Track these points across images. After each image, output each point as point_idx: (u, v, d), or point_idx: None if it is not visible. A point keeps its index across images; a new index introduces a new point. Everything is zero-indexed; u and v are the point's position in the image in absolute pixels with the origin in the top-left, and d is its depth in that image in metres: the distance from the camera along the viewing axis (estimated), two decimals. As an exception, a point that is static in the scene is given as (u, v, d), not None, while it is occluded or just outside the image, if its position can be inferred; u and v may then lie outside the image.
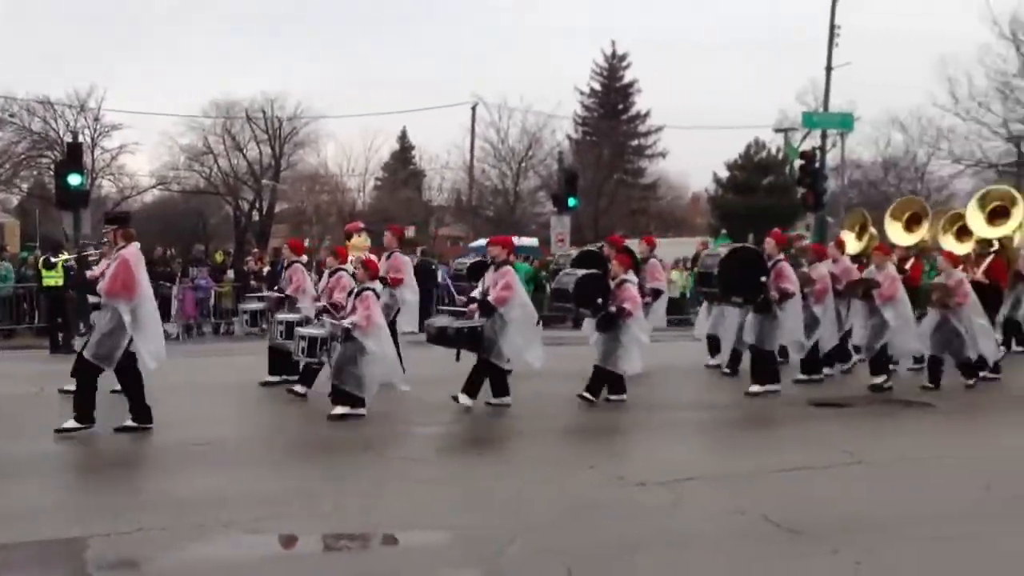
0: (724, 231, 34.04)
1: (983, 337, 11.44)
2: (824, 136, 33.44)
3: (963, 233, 14.23)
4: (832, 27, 33.48)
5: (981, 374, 11.66)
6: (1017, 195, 13.93)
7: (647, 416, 10.11)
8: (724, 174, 45.77)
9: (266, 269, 18.13)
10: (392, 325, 10.97)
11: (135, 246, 8.64)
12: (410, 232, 39.59)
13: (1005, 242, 13.41)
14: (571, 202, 26.72)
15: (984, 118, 37.00)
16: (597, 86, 51.84)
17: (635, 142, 51.69)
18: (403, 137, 55.03)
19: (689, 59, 76.78)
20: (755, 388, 10.91)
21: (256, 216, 46.99)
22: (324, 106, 70.85)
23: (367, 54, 75.85)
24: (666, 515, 6.29)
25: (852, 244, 14.18)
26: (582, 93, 51.45)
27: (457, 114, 57.06)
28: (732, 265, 10.98)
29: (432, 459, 8.29)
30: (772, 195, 42.64)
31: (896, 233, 14.74)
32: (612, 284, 10.50)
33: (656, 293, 12.69)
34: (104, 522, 5.91)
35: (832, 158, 35.96)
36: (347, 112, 77.75)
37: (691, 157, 79.82)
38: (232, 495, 6.63)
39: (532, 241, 37.25)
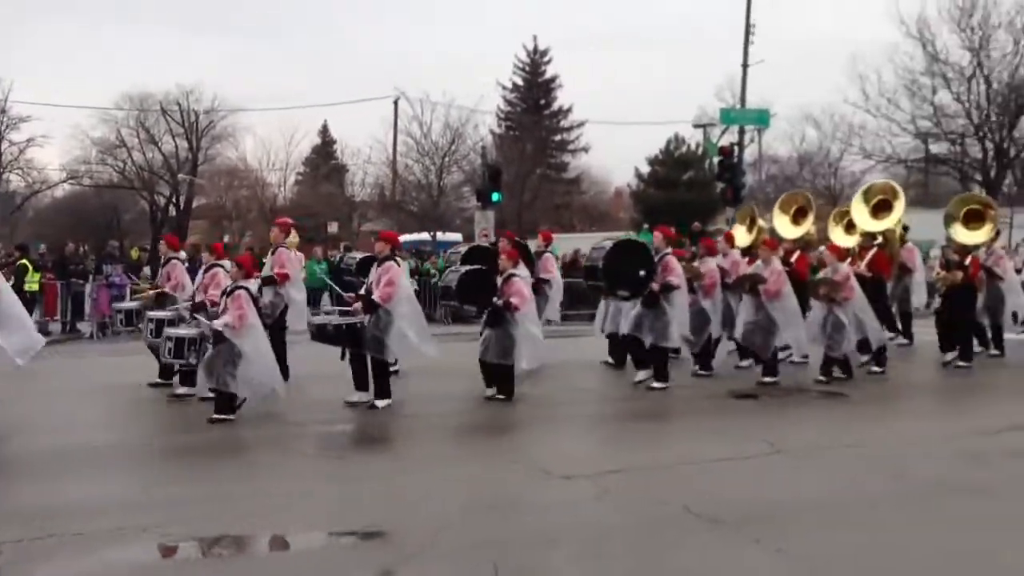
0: (646, 225, 34.45)
1: (866, 330, 11.57)
2: (742, 132, 34.18)
3: (852, 227, 14.27)
4: (748, 26, 34.22)
5: (872, 368, 11.97)
6: (899, 189, 14.06)
7: (568, 411, 10.17)
8: (646, 169, 46.28)
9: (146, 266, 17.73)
10: (280, 323, 10.75)
11: None
12: (332, 227, 39.16)
13: (888, 235, 13.58)
14: (495, 197, 26.72)
15: (893, 115, 38.17)
16: (519, 81, 51.97)
17: (558, 137, 52.00)
18: (324, 131, 54.33)
19: (610, 55, 77.56)
20: (652, 382, 10.96)
21: (173, 211, 45.87)
22: (242, 99, 69.39)
23: (286, 46, 74.68)
24: (590, 508, 6.31)
25: (742, 238, 14.20)
26: (504, 88, 51.54)
27: (379, 108, 56.56)
28: (617, 259, 10.97)
29: (342, 458, 8.18)
30: (692, 190, 43.26)
31: (783, 226, 14.71)
32: (499, 279, 10.31)
33: (543, 283, 12.57)
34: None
35: (750, 153, 36.82)
36: (266, 105, 76.32)
37: (614, 152, 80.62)
38: (104, 503, 6.39)
39: (456, 236, 37.18)
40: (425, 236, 37.85)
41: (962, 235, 13.54)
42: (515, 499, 6.57)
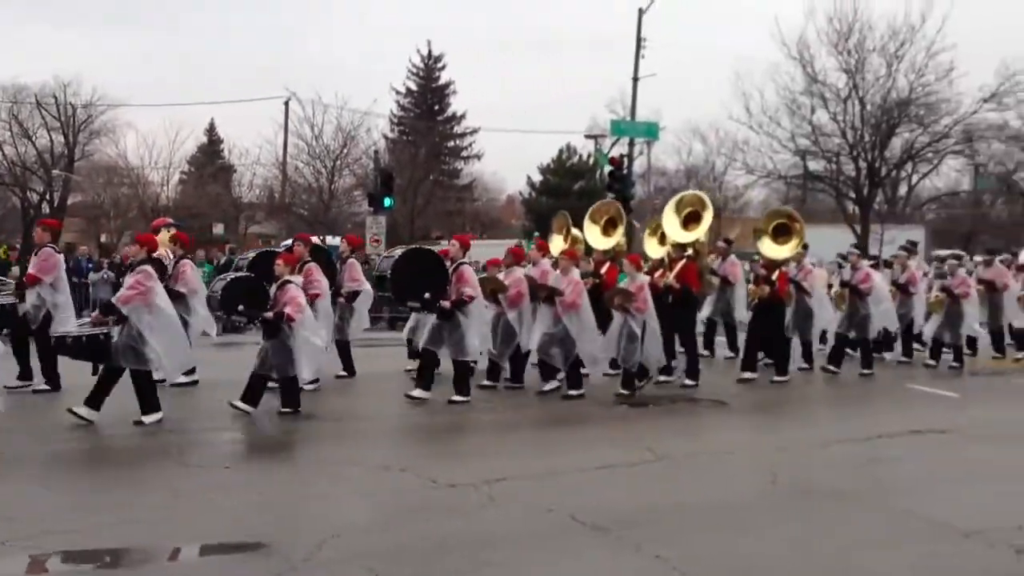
0: (537, 233, 34.70)
1: (653, 343, 11.33)
2: (631, 144, 34.86)
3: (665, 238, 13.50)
4: (639, 39, 35.00)
5: (639, 383, 11.58)
6: (707, 200, 13.51)
7: (451, 419, 10.20)
8: (537, 178, 46.79)
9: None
10: (43, 329, 10.20)
11: None
12: (218, 229, 38.15)
13: (699, 247, 13.30)
14: (387, 202, 26.58)
15: (774, 132, 39.68)
16: (413, 86, 51.79)
17: (451, 143, 52.02)
18: (211, 130, 52.93)
19: (505, 64, 78.11)
20: (456, 397, 10.62)
21: (47, 208, 43.86)
22: (124, 95, 66.96)
23: (173, 42, 72.42)
24: (476, 516, 6.35)
25: (558, 246, 13.73)
26: (398, 92, 51.29)
27: (269, 108, 55.37)
28: (407, 268, 10.77)
29: (230, 466, 8.00)
30: (583, 199, 43.86)
31: (594, 236, 14.07)
32: (274, 287, 9.85)
33: (353, 295, 12.18)
34: None
35: (639, 165, 37.58)
36: (149, 101, 73.76)
37: (506, 159, 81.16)
38: None
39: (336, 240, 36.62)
40: (315, 240, 37.24)
41: (769, 249, 13.41)
42: (401, 508, 6.54)
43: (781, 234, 13.44)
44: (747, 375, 12.73)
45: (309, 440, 9.06)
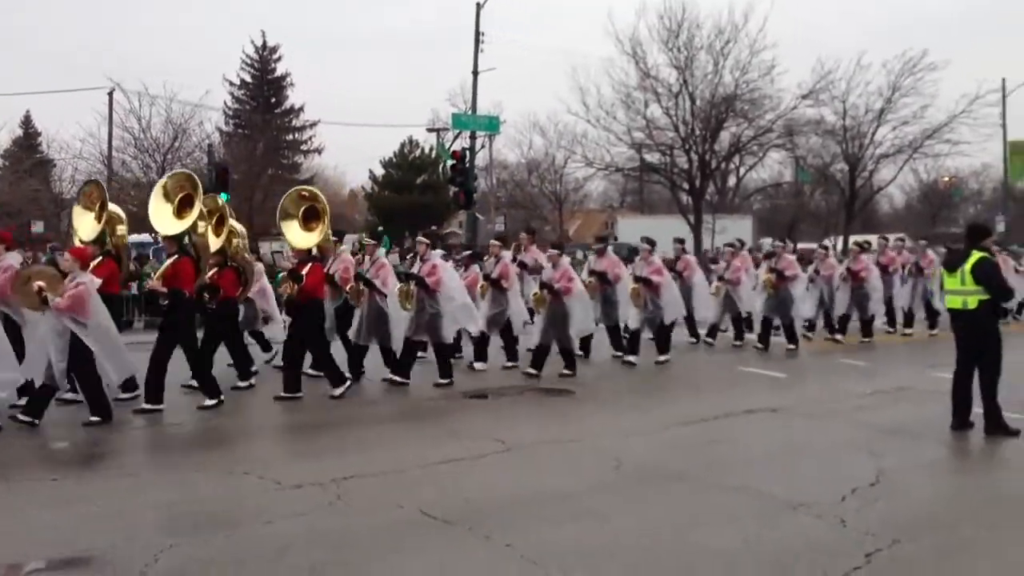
0: (380, 228, 34.42)
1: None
2: (473, 137, 35.07)
3: (220, 224, 11.61)
4: (477, 34, 35.24)
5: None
6: (196, 179, 10.91)
7: (296, 418, 10.00)
8: (380, 171, 46.40)
9: None
10: None
11: None
12: (37, 227, 35.84)
13: (200, 241, 10.87)
14: (223, 197, 25.65)
15: (611, 126, 40.84)
16: (248, 77, 50.32)
17: (290, 136, 50.87)
18: (27, 122, 49.77)
19: (344, 56, 76.86)
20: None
21: None
22: (-72, 83, 61.92)
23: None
24: (323, 516, 6.22)
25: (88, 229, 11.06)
26: (232, 84, 49.70)
27: (90, 99, 52.47)
28: None
29: (55, 479, 7.53)
30: (426, 193, 43.94)
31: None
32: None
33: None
34: None
35: (482, 158, 37.82)
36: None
37: (348, 153, 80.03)
38: None
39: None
40: (146, 238, 35.68)
41: (297, 237, 11.42)
42: (246, 512, 6.34)
43: (311, 219, 11.46)
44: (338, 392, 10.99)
45: (150, 447, 8.69)
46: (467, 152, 31.30)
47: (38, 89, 74.51)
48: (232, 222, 12.01)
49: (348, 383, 11.06)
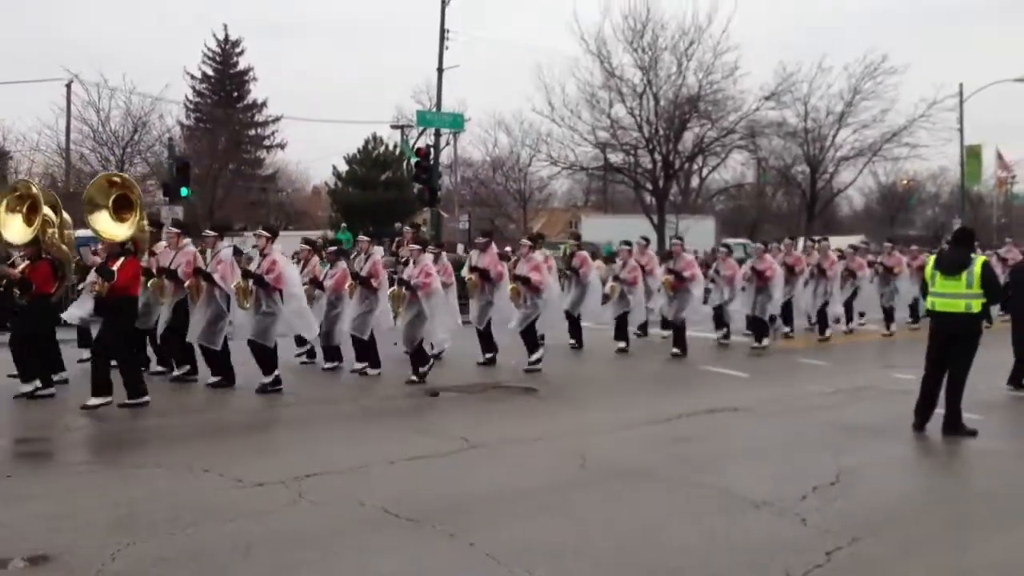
0: (344, 225, 34.24)
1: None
2: (438, 134, 34.97)
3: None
4: (442, 30, 35.12)
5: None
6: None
7: (263, 414, 9.90)
8: (344, 168, 46.06)
9: None
10: None
11: None
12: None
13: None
14: (183, 192, 25.36)
15: (576, 125, 40.85)
16: (210, 71, 49.74)
17: (252, 132, 50.33)
18: (-17, 113, 48.75)
19: (307, 51, 76.25)
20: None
21: None
22: None
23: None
24: (286, 514, 6.14)
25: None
26: (193, 77, 49.10)
27: (47, 91, 51.54)
28: None
29: (12, 475, 7.38)
30: (390, 190, 43.68)
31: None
32: None
33: None
34: None
35: (446, 155, 37.79)
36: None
37: (311, 149, 79.44)
38: None
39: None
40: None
41: (106, 226, 10.31)
42: (207, 510, 6.23)
43: (123, 208, 10.35)
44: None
45: (107, 444, 8.53)
46: (431, 149, 31.23)
47: (-7, 80, 72.95)
48: (49, 211, 10.79)
49: (145, 400, 9.84)
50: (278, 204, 50.99)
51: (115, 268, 9.77)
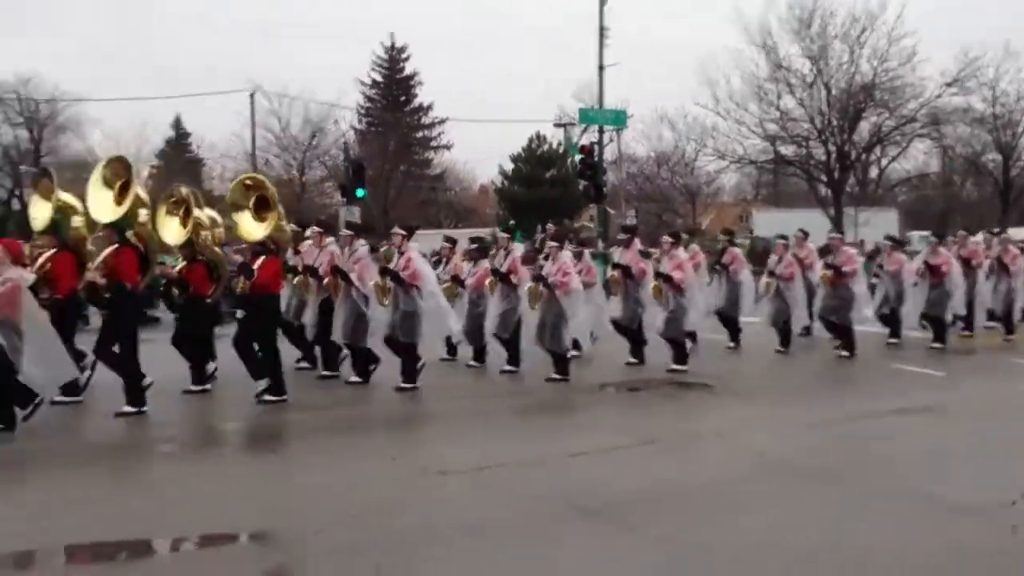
0: (512, 222, 34.66)
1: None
2: (601, 131, 34.84)
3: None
4: (601, 28, 34.92)
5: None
6: (131, 165, 10.47)
7: (434, 408, 10.18)
8: (509, 166, 46.69)
9: None
10: None
11: None
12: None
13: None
14: (359, 192, 26.41)
15: (742, 118, 39.79)
16: (379, 77, 51.52)
17: (420, 134, 51.80)
18: (178, 124, 52.40)
19: (471, 53, 77.83)
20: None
21: (17, 204, 43.21)
22: (86, 90, 65.96)
23: (135, 37, 71.49)
24: (469, 503, 6.27)
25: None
26: (364, 84, 50.98)
27: (233, 101, 54.90)
28: None
29: (220, 458, 7.89)
30: (556, 187, 43.96)
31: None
32: None
33: None
34: None
35: (610, 152, 37.57)
36: (113, 96, 72.75)
37: (478, 148, 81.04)
38: None
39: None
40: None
41: (247, 226, 10.45)
42: (394, 497, 6.45)
43: (262, 208, 10.47)
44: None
45: (302, 431, 8.97)
46: (595, 146, 31.14)
47: (186, 93, 78.35)
48: (202, 214, 11.09)
49: (284, 398, 9.89)
50: (447, 203, 52.27)
51: (256, 267, 9.92)
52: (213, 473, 7.31)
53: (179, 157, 48.40)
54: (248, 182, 11.03)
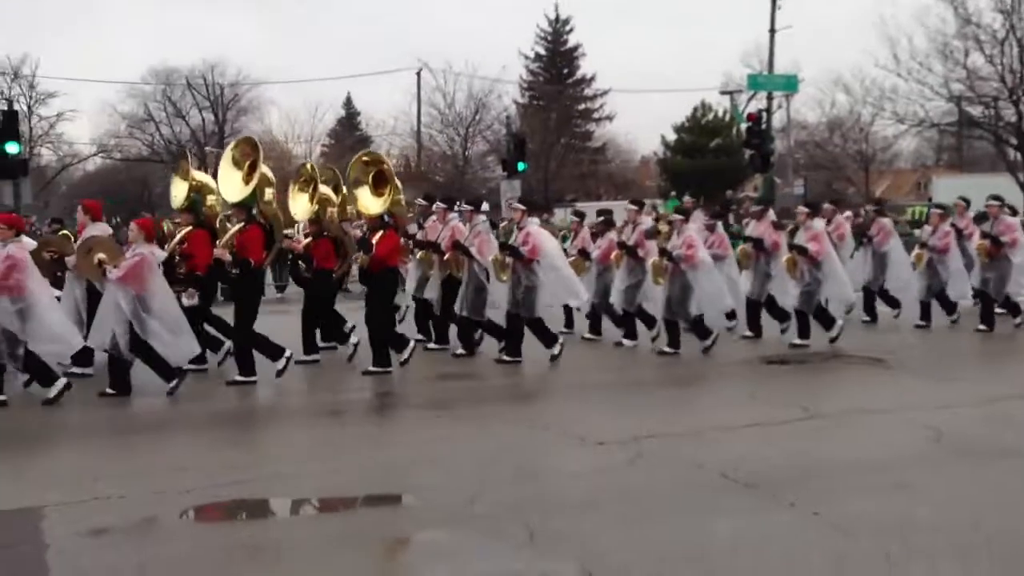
0: (673, 193, 34.18)
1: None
2: (769, 98, 33.74)
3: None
4: (774, -9, 33.70)
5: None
6: (259, 145, 11.03)
7: (589, 378, 10.21)
8: (672, 137, 45.89)
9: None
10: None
11: None
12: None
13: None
14: (520, 166, 26.73)
15: (925, 79, 37.45)
16: (542, 51, 51.57)
17: (582, 106, 51.58)
18: (348, 103, 54.37)
19: (634, 22, 76.71)
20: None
21: (200, 185, 46.20)
22: (265, 72, 69.49)
23: (308, 18, 74.48)
24: (625, 473, 6.32)
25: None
26: (527, 58, 51.18)
27: (401, 79, 56.38)
28: None
29: (372, 423, 8.27)
30: (720, 157, 42.90)
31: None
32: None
33: None
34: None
35: (778, 119, 36.33)
36: (290, 78, 76.27)
37: (639, 119, 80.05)
38: (145, 467, 6.58)
39: (484, 206, 37.09)
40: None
41: (365, 201, 10.85)
42: (548, 464, 6.59)
43: (380, 183, 10.80)
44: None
45: (451, 397, 9.25)
46: (763, 113, 30.22)
47: (356, 73, 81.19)
48: (327, 190, 11.32)
49: (389, 370, 10.03)
50: (607, 175, 51.98)
51: (374, 241, 10.02)
52: (367, 435, 7.68)
53: (350, 135, 50.28)
54: (366, 158, 11.27)
